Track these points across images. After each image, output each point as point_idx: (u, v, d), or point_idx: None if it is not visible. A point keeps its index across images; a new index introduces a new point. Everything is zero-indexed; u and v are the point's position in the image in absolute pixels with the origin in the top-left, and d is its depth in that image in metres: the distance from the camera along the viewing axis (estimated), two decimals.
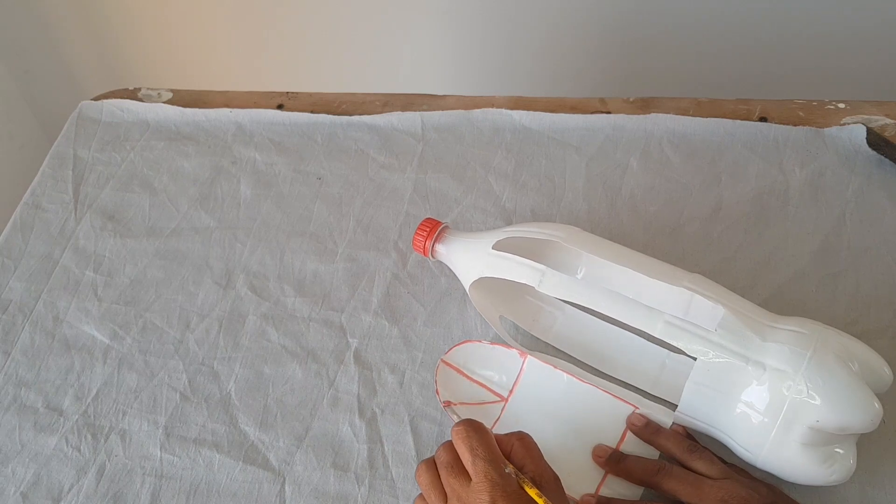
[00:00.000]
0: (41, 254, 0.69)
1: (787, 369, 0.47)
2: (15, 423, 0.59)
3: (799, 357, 0.47)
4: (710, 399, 0.50)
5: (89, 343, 0.63)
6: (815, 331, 0.49)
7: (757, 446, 0.48)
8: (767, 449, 0.48)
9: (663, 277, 0.52)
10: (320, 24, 1.22)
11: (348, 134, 0.77)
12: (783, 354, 0.47)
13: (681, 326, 0.50)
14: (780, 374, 0.47)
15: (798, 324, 0.50)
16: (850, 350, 0.48)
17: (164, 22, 1.25)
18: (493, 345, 0.58)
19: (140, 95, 0.83)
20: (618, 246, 0.56)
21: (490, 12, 1.15)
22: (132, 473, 0.56)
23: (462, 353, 0.58)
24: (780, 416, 0.47)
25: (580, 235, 0.57)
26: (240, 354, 0.62)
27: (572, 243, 0.55)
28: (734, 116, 0.74)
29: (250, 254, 0.68)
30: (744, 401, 0.48)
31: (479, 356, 0.58)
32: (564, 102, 0.78)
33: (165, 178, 0.75)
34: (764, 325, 0.49)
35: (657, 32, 1.13)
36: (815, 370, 0.46)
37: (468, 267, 0.58)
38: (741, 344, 0.48)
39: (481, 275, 0.56)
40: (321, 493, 0.54)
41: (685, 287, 0.51)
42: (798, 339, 0.48)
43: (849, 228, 0.65)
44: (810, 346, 0.47)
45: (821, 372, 0.46)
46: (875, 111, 0.73)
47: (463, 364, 0.57)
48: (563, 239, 0.55)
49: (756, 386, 0.48)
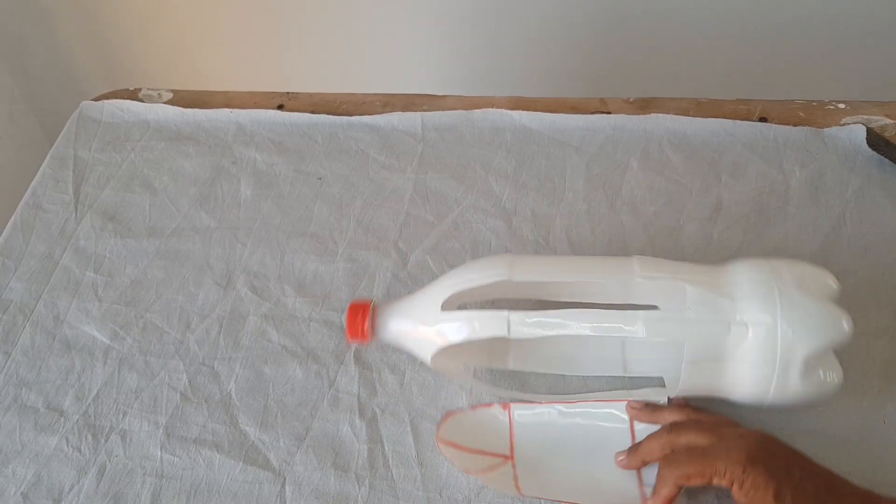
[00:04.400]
0: (42, 254, 0.69)
1: (766, 318, 0.48)
2: (15, 423, 0.59)
3: (770, 304, 0.48)
4: (707, 371, 0.51)
5: (90, 343, 0.63)
6: (768, 271, 0.50)
7: (761, 395, 0.50)
8: (772, 394, 0.49)
9: (618, 276, 0.52)
10: (321, 24, 1.22)
11: (349, 134, 0.77)
12: (756, 306, 0.49)
13: (659, 319, 0.50)
14: (763, 326, 0.48)
15: (748, 270, 0.51)
16: (801, 274, 0.50)
17: (165, 22, 1.26)
18: (474, 409, 0.56)
19: (140, 96, 0.83)
20: (556, 258, 0.55)
21: (490, 12, 1.15)
22: (133, 473, 0.56)
23: (451, 428, 0.55)
24: (776, 364, 0.48)
25: (521, 264, 0.53)
26: (240, 354, 0.62)
27: (518, 276, 0.52)
28: (734, 116, 0.74)
29: (251, 254, 0.68)
30: (738, 361, 0.49)
31: (466, 426, 0.55)
32: (564, 102, 0.78)
33: (166, 179, 0.75)
34: (725, 285, 0.50)
35: (657, 32, 1.13)
36: (789, 310, 0.48)
37: (422, 339, 0.53)
38: (718, 313, 0.49)
39: (445, 344, 0.51)
40: (321, 493, 0.54)
41: (642, 278, 0.51)
42: (760, 286, 0.49)
43: (849, 228, 0.65)
44: (774, 289, 0.49)
45: (794, 309, 0.48)
46: (875, 111, 0.73)
47: (458, 438, 0.55)
48: (507, 275, 0.52)
49: (745, 344, 0.49)
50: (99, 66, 1.32)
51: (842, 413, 0.53)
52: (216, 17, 1.24)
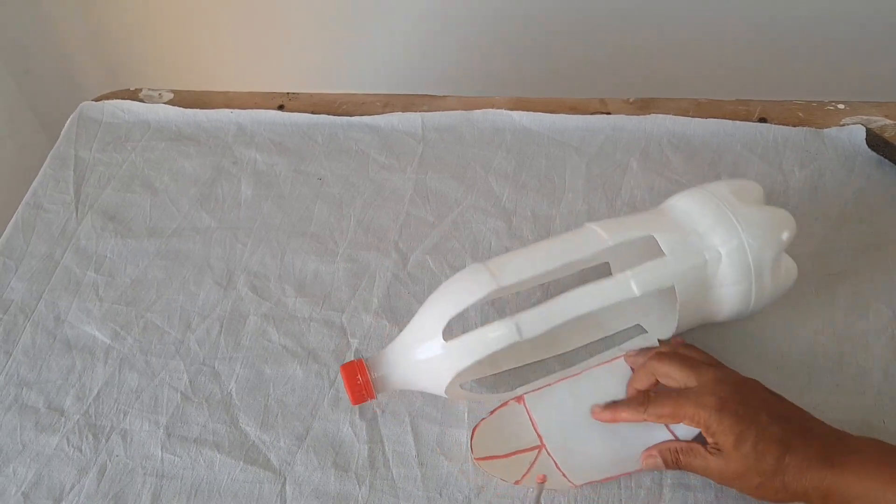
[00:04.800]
0: (42, 254, 0.70)
1: (732, 239, 0.52)
2: (16, 423, 0.59)
3: (730, 226, 0.53)
4: (696, 305, 0.54)
5: (90, 343, 0.63)
6: (710, 196, 0.55)
7: (743, 308, 0.55)
8: (753, 302, 0.54)
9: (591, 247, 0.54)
10: (321, 24, 1.22)
11: (349, 134, 0.77)
12: (720, 232, 0.53)
13: (646, 274, 0.52)
14: (732, 247, 0.52)
15: (691, 201, 0.55)
16: (736, 189, 0.55)
17: (165, 22, 1.26)
18: (491, 414, 0.56)
19: (141, 96, 0.83)
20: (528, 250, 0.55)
21: (490, 13, 1.15)
22: (133, 473, 0.56)
23: (481, 442, 0.55)
24: (752, 275, 0.53)
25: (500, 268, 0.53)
26: (241, 354, 0.62)
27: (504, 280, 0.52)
28: (734, 117, 0.74)
29: (251, 254, 0.68)
30: (719, 286, 0.53)
31: (493, 434, 0.55)
32: (564, 103, 0.78)
33: (166, 179, 0.75)
34: (685, 223, 0.54)
35: (657, 32, 1.13)
36: (746, 225, 0.53)
37: (432, 374, 0.52)
38: (692, 250, 0.53)
39: (458, 370, 0.51)
40: (322, 493, 0.54)
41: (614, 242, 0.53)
42: (713, 214, 0.54)
43: (849, 228, 0.65)
44: (726, 211, 0.53)
45: (750, 222, 0.53)
46: (874, 112, 0.73)
47: (491, 449, 0.55)
48: (495, 284, 0.52)
49: (721, 269, 0.53)
50: (99, 67, 1.32)
51: (842, 413, 0.53)
52: (217, 18, 1.24)
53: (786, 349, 0.58)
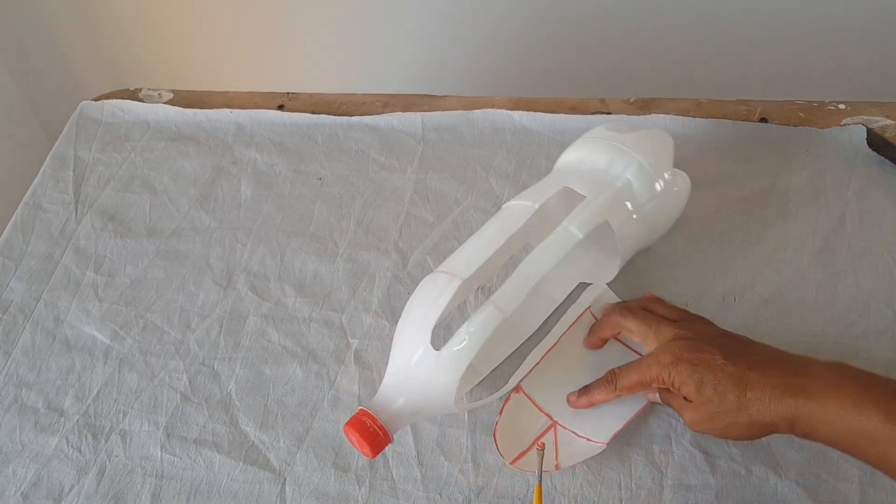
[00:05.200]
0: (42, 254, 0.69)
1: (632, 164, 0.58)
2: (15, 423, 0.59)
3: (623, 154, 0.58)
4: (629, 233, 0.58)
5: (90, 343, 0.63)
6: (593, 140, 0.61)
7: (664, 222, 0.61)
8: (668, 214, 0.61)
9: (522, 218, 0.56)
10: (321, 24, 1.22)
11: (349, 134, 0.77)
12: (619, 162, 0.58)
13: (581, 218, 0.55)
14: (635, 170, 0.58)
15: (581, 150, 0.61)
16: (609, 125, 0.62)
17: (165, 22, 1.25)
18: (500, 413, 0.56)
19: (141, 96, 0.83)
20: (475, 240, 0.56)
21: (490, 13, 1.15)
22: (133, 474, 0.56)
23: (506, 444, 0.55)
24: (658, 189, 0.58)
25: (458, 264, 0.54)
26: (240, 355, 0.62)
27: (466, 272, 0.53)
28: (734, 117, 0.74)
29: (251, 254, 0.68)
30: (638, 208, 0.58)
31: (510, 432, 0.55)
32: (564, 102, 0.78)
33: (166, 179, 0.75)
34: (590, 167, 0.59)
35: (658, 32, 1.13)
36: (636, 149, 0.58)
37: (438, 382, 0.51)
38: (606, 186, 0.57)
39: (462, 369, 0.50)
40: (322, 493, 0.54)
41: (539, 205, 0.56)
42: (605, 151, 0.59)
43: (849, 228, 0.65)
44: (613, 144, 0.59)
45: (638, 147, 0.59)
46: (875, 112, 0.73)
47: (517, 447, 0.54)
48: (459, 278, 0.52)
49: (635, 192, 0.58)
50: (99, 66, 1.32)
51: None
52: (216, 17, 1.24)
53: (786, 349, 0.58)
